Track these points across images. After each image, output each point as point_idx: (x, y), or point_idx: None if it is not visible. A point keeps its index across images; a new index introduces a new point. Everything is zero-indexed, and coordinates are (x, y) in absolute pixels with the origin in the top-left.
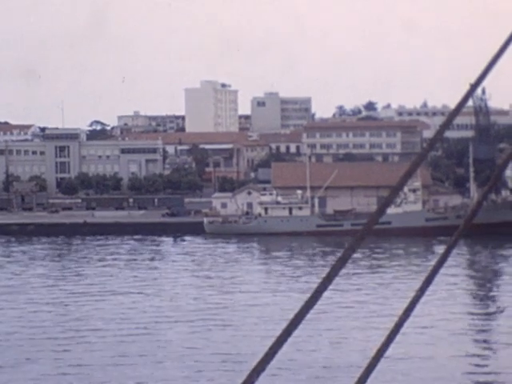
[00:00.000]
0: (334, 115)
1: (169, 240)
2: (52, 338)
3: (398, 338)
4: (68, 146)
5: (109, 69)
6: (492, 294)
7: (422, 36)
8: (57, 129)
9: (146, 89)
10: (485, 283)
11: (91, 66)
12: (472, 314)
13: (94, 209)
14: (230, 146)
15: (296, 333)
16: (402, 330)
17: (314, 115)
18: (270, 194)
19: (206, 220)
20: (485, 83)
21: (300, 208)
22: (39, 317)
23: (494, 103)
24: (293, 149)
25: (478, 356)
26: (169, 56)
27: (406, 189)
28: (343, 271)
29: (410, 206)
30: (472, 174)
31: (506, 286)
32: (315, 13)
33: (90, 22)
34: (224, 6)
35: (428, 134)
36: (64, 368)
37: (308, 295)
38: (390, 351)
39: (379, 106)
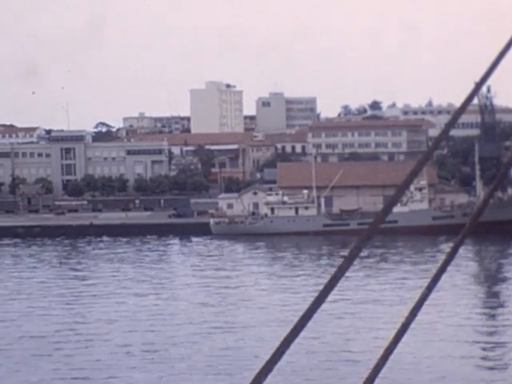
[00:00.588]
0: (339, 115)
1: (175, 241)
2: (60, 342)
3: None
4: (74, 148)
5: (113, 70)
6: (499, 291)
7: (426, 35)
8: (62, 131)
9: (150, 90)
10: (491, 281)
11: (96, 67)
12: (478, 313)
13: (100, 210)
14: (235, 146)
15: (303, 333)
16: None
17: (319, 115)
18: (276, 194)
19: (212, 221)
20: (490, 81)
21: (306, 208)
22: (47, 320)
23: (499, 101)
24: (298, 149)
25: (486, 355)
26: (173, 57)
27: (412, 187)
28: (350, 270)
29: (416, 205)
30: (478, 173)
31: None
32: (320, 12)
33: (94, 23)
34: (228, 5)
35: (433, 132)
36: (67, 371)
37: (315, 295)
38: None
39: (384, 105)
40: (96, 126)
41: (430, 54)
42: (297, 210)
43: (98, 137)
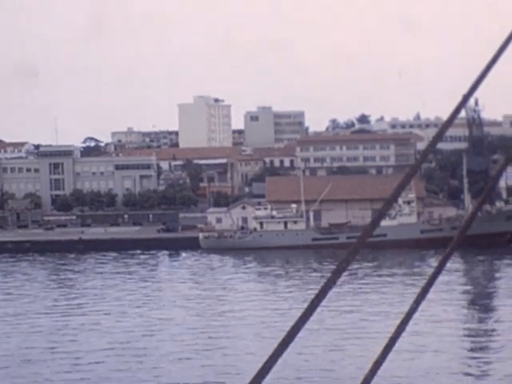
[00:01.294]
0: (327, 129)
1: (165, 256)
2: (46, 359)
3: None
4: (62, 163)
5: (102, 85)
6: (488, 305)
7: (414, 45)
8: (51, 146)
9: (139, 105)
10: (480, 295)
11: (84, 82)
12: (464, 327)
13: (89, 225)
14: (223, 160)
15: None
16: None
17: (307, 129)
18: (265, 209)
19: (201, 235)
20: (477, 94)
21: (295, 222)
22: (33, 335)
23: (487, 114)
24: (287, 163)
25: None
26: (161, 71)
27: (400, 201)
28: (337, 284)
29: (404, 218)
30: (466, 186)
31: (502, 298)
32: (306, 26)
33: (82, 37)
34: (216, 19)
35: (422, 146)
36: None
37: (304, 308)
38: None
39: (372, 119)
40: (84, 141)
41: (417, 66)
42: (286, 224)
43: (87, 152)
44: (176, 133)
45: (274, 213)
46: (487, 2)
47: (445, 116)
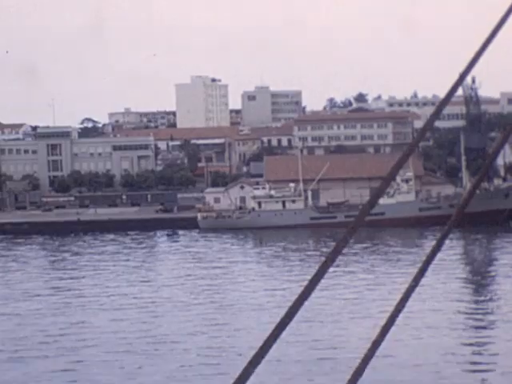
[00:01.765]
0: (324, 108)
1: (163, 236)
2: (46, 343)
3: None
4: (60, 144)
5: (99, 66)
6: (485, 283)
7: (411, 27)
8: (48, 127)
9: (136, 85)
10: (478, 272)
11: (81, 63)
12: (463, 305)
13: (87, 206)
14: (221, 140)
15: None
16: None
17: (304, 108)
18: (263, 188)
19: (199, 215)
20: (474, 72)
21: (293, 201)
22: (32, 319)
23: (484, 92)
24: (284, 142)
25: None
26: (159, 52)
27: (398, 179)
28: (336, 263)
29: (403, 197)
30: (464, 163)
31: (500, 275)
32: (305, 5)
33: (80, 20)
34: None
35: (419, 124)
36: (59, 367)
37: (303, 287)
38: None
39: (370, 98)
40: (82, 122)
41: (414, 45)
42: (284, 203)
43: (84, 133)
44: (173, 113)
45: (272, 192)
46: None
47: (442, 94)
